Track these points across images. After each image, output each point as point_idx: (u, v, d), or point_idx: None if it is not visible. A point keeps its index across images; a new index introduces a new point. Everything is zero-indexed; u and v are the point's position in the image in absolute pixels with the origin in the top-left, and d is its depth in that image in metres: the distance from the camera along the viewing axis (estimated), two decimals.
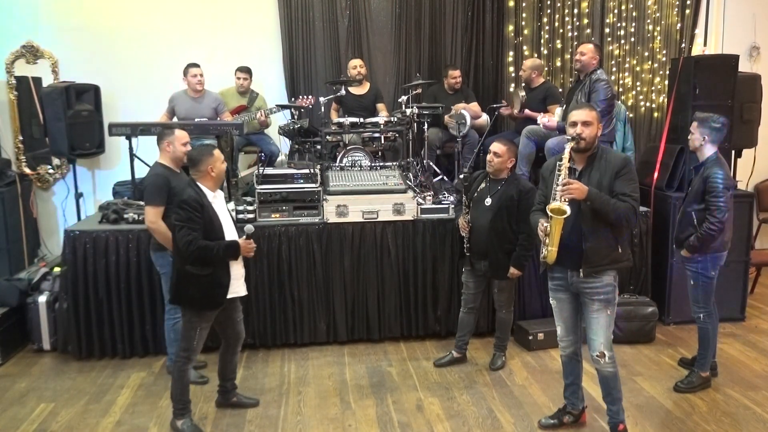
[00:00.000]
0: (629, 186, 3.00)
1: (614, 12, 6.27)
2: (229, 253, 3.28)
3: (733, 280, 4.82)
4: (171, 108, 5.42)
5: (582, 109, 3.09)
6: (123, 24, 5.81)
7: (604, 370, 3.15)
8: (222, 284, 3.30)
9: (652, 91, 6.40)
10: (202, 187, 3.31)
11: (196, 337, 3.31)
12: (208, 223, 3.25)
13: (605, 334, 3.10)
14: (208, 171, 3.31)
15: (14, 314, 4.47)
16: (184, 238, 3.18)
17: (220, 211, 3.36)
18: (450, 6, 6.13)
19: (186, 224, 3.18)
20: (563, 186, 2.94)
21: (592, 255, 3.03)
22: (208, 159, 3.31)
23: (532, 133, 5.00)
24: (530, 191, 3.90)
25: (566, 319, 3.26)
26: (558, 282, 3.22)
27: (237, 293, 3.43)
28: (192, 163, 3.35)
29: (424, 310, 4.61)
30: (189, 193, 3.26)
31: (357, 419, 3.57)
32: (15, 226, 5.32)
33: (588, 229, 3.02)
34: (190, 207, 3.19)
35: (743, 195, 5.00)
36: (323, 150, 5.18)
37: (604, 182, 3.01)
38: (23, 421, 3.57)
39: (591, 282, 3.07)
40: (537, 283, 4.67)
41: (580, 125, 3.01)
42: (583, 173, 3.07)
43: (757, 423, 3.49)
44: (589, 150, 3.07)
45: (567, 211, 2.91)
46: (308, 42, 6.03)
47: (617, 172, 3.01)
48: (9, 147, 5.73)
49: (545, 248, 3.06)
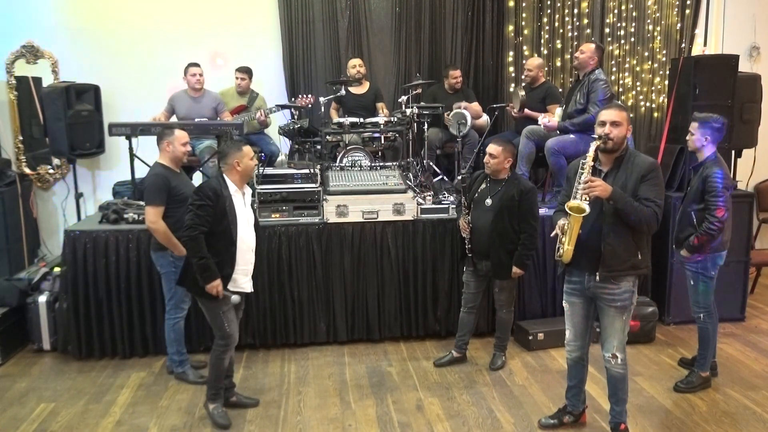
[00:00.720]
0: (653, 191, 2.93)
1: (614, 12, 6.28)
2: (204, 273, 3.26)
3: (733, 280, 4.82)
4: (170, 108, 5.42)
5: (612, 109, 3.03)
6: (123, 24, 5.81)
7: (615, 371, 3.14)
8: (223, 275, 3.33)
9: (652, 91, 6.40)
10: (227, 180, 3.39)
11: (225, 320, 3.39)
12: (221, 214, 3.30)
13: (620, 337, 3.09)
14: (234, 165, 3.39)
15: (14, 314, 4.47)
16: (188, 221, 3.28)
17: (239, 207, 3.40)
18: (450, 6, 6.13)
19: (195, 210, 3.27)
20: (585, 184, 2.91)
21: (610, 258, 2.97)
22: (235, 153, 3.40)
23: (532, 133, 5.00)
24: (530, 191, 3.90)
25: (576, 324, 3.23)
26: (574, 285, 3.17)
27: (242, 288, 3.46)
28: (221, 156, 3.48)
29: (424, 310, 4.61)
30: (210, 182, 3.41)
31: (357, 419, 3.57)
32: (15, 226, 5.32)
33: (608, 231, 2.96)
34: (204, 194, 3.29)
35: (743, 195, 5.00)
36: (323, 150, 5.18)
37: (628, 185, 2.95)
38: (23, 421, 3.57)
39: (609, 287, 3.02)
40: (537, 283, 4.67)
41: (609, 125, 2.95)
42: (608, 175, 3.01)
43: (757, 423, 3.49)
44: (617, 151, 3.00)
45: (586, 210, 2.89)
46: (308, 42, 6.03)
47: (643, 176, 2.94)
48: (9, 147, 5.73)
49: (561, 247, 3.04)
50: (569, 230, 2.98)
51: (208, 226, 3.26)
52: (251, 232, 3.49)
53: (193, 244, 3.26)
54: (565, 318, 3.28)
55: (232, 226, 3.34)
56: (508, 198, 3.89)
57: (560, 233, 3.03)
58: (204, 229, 3.25)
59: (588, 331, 3.26)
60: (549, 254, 4.63)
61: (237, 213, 3.37)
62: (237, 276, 3.40)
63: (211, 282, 3.27)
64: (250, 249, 3.48)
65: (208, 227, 3.26)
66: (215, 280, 3.28)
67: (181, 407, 3.70)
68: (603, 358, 3.16)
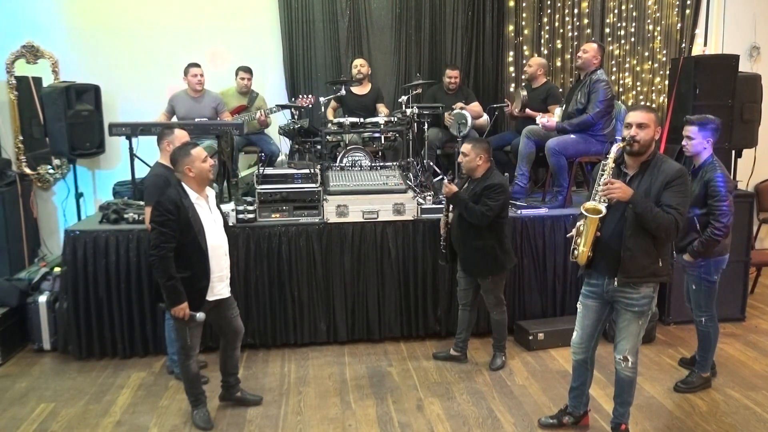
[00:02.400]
0: (677, 199, 2.85)
1: (614, 12, 6.28)
2: (171, 295, 3.17)
3: (733, 280, 4.81)
4: (170, 108, 5.42)
5: (638, 110, 2.94)
6: (123, 24, 5.81)
7: (624, 373, 3.13)
8: (199, 287, 3.26)
9: (652, 91, 6.40)
10: (186, 188, 3.25)
11: (188, 335, 3.31)
12: (186, 225, 3.18)
13: (633, 340, 3.06)
14: (186, 171, 3.24)
15: (14, 314, 4.46)
16: (152, 241, 3.15)
17: (203, 214, 3.28)
18: (450, 6, 6.13)
19: (158, 227, 3.14)
20: (605, 185, 2.87)
21: (630, 264, 2.92)
22: (184, 159, 3.23)
23: (532, 133, 5.00)
24: (494, 186, 3.82)
25: (586, 327, 3.20)
26: (592, 288, 3.13)
27: (220, 295, 3.39)
28: (172, 164, 3.31)
29: (424, 310, 4.61)
30: (168, 193, 3.21)
31: (357, 419, 3.57)
32: (15, 226, 5.32)
33: (629, 236, 2.90)
34: (164, 209, 3.13)
35: (743, 195, 5.00)
36: (323, 150, 5.18)
37: (652, 190, 2.88)
38: (23, 421, 3.57)
39: (628, 292, 2.98)
40: (537, 283, 4.67)
41: (635, 127, 2.88)
42: (633, 179, 2.94)
43: (757, 423, 3.49)
44: (644, 154, 2.93)
45: (602, 211, 2.87)
46: (308, 42, 6.03)
47: (668, 183, 2.86)
48: (9, 147, 5.73)
49: (577, 248, 3.02)
50: (585, 232, 2.96)
51: (175, 242, 3.15)
52: (222, 235, 3.39)
53: (160, 264, 3.13)
54: (576, 319, 3.25)
55: (199, 237, 3.22)
56: (474, 195, 3.89)
57: (575, 234, 3.01)
58: (171, 245, 3.14)
59: (596, 336, 3.23)
60: (549, 254, 4.63)
61: (203, 221, 3.25)
62: (213, 284, 3.32)
63: (177, 305, 3.17)
64: (224, 254, 3.40)
65: (174, 242, 3.15)
66: (181, 304, 3.18)
67: (181, 407, 3.70)
68: (614, 359, 3.15)
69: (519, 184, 5.05)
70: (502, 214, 3.91)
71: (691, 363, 4.07)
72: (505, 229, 4.00)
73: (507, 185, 3.99)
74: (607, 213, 2.91)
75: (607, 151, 3.15)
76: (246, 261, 4.34)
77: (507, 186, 3.98)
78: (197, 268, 3.24)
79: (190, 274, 3.21)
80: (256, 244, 4.36)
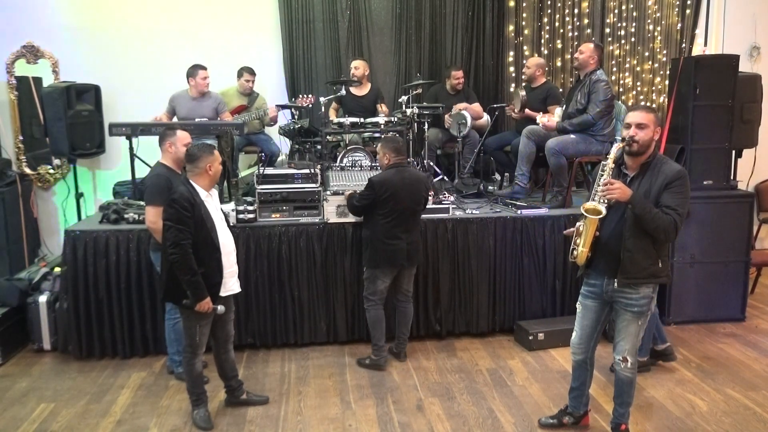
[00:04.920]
0: (676, 200, 2.85)
1: (614, 12, 6.28)
2: (196, 291, 3.19)
3: (733, 280, 4.83)
4: (171, 108, 5.42)
5: (638, 110, 2.95)
6: (123, 24, 5.81)
7: (624, 374, 3.13)
8: (213, 283, 3.29)
9: (653, 91, 6.40)
10: (195, 185, 3.28)
11: (198, 333, 3.33)
12: (199, 222, 3.21)
13: (632, 341, 3.06)
14: (206, 169, 3.29)
15: (14, 314, 4.47)
16: (171, 239, 3.15)
17: (213, 212, 3.33)
18: (450, 6, 6.13)
19: (175, 224, 3.14)
20: (604, 186, 2.87)
21: (630, 264, 2.92)
22: (208, 157, 3.29)
23: (532, 133, 5.00)
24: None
25: (585, 327, 3.20)
26: (592, 289, 3.14)
27: (232, 291, 3.44)
28: (190, 159, 3.31)
29: (425, 310, 4.60)
30: (180, 191, 3.23)
31: (357, 419, 3.57)
32: (15, 226, 5.33)
33: (628, 237, 2.91)
34: (180, 206, 3.15)
35: (743, 195, 4.99)
36: (323, 150, 5.18)
37: (652, 191, 2.88)
38: (24, 421, 3.58)
39: (628, 293, 2.99)
40: (537, 283, 4.67)
41: (634, 127, 2.88)
42: (633, 180, 2.95)
43: (758, 423, 3.49)
44: (643, 155, 2.93)
45: (602, 212, 2.87)
46: (308, 42, 6.04)
47: (668, 184, 2.86)
48: (9, 147, 5.73)
49: (576, 248, 3.02)
50: (584, 232, 2.96)
51: (192, 238, 3.17)
52: (229, 234, 3.45)
53: (183, 260, 3.14)
54: (576, 319, 3.25)
55: (212, 233, 3.25)
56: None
57: (575, 234, 3.01)
58: (190, 242, 3.15)
59: (595, 336, 3.22)
60: (549, 254, 4.62)
61: (214, 219, 3.30)
62: (225, 279, 3.35)
63: (202, 300, 3.20)
64: (232, 251, 3.45)
65: (191, 239, 3.16)
66: (206, 298, 3.21)
67: (181, 407, 3.70)
68: (613, 360, 3.15)
69: (519, 184, 5.05)
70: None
71: (659, 356, 4.14)
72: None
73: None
74: (606, 213, 2.91)
75: (607, 151, 3.15)
76: (246, 261, 4.33)
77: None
78: (212, 265, 3.27)
79: (204, 270, 3.24)
80: (256, 244, 4.36)
